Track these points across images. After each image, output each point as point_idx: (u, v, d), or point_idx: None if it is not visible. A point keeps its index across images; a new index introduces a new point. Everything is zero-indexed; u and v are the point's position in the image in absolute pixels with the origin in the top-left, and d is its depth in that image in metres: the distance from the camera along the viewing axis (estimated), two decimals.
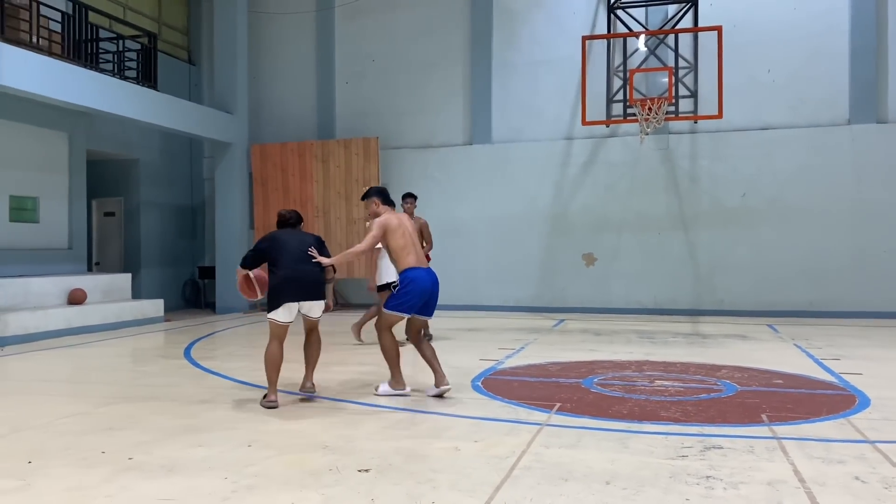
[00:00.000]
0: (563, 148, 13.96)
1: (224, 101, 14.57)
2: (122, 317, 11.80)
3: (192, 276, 16.17)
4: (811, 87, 12.85)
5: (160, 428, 5.13)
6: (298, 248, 6.02)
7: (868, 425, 5.06)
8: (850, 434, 4.87)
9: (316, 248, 6.12)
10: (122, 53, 12.47)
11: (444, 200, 14.59)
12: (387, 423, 5.26)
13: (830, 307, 12.51)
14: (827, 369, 7.38)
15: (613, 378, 6.94)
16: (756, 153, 12.97)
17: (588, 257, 13.84)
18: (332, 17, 15.40)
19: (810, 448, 4.51)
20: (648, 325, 11.69)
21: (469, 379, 6.88)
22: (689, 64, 12.82)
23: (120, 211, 14.98)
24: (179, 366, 8.05)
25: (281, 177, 14.70)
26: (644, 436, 4.82)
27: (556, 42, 13.94)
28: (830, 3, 12.77)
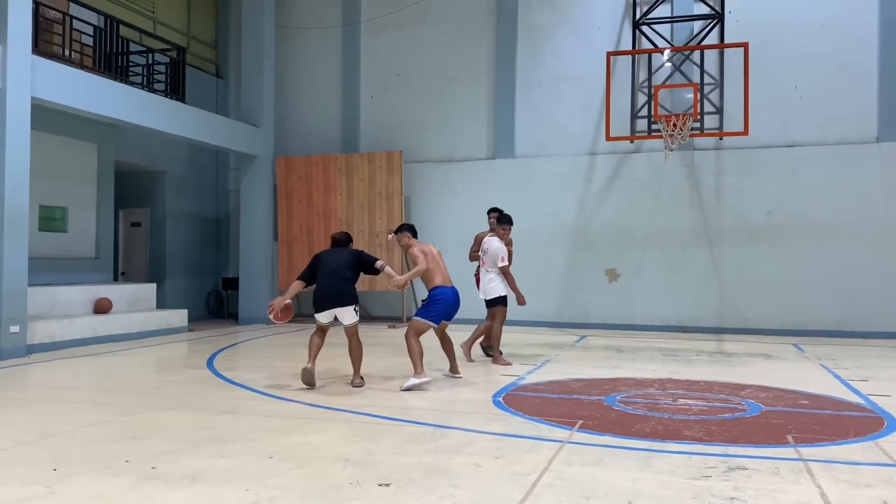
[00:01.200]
0: (586, 163, 13.93)
1: (250, 114, 14.74)
2: (147, 326, 11.92)
3: (215, 287, 16.31)
4: (839, 103, 12.72)
5: (183, 438, 5.16)
6: (334, 265, 7.31)
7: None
8: (878, 457, 4.78)
9: (352, 262, 7.38)
10: (152, 66, 12.68)
11: (466, 215, 14.58)
12: (408, 437, 5.26)
13: (858, 327, 12.31)
14: (854, 390, 7.26)
15: (636, 396, 6.88)
16: (782, 170, 12.85)
17: (611, 273, 13.76)
18: (357, 32, 15.55)
19: (837, 471, 4.43)
20: (672, 342, 11.58)
21: (490, 394, 6.86)
22: (714, 80, 12.77)
23: (146, 221, 15.18)
24: (202, 376, 8.11)
25: (305, 189, 14.82)
26: (667, 455, 4.77)
27: (580, 57, 13.94)
28: (859, 20, 12.66)
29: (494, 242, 9.02)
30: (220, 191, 16.54)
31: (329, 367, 8.87)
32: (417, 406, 6.54)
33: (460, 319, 8.79)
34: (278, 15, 15.47)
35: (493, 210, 9.83)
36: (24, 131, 9.43)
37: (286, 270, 14.83)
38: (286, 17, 15.87)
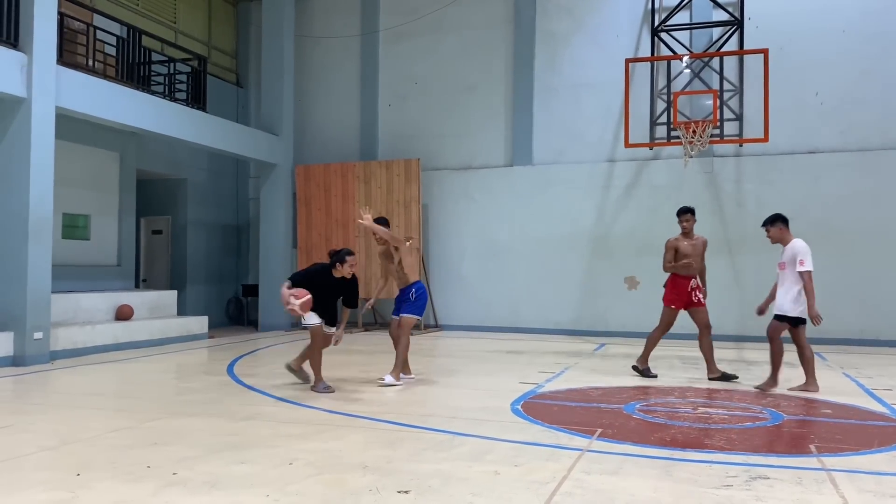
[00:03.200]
0: (605, 170, 13.89)
1: (270, 122, 14.86)
2: (168, 333, 12.02)
3: (235, 294, 16.43)
4: (861, 110, 12.59)
5: (203, 444, 5.20)
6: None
7: None
8: None
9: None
10: (173, 76, 12.83)
11: (484, 222, 14.63)
12: (426, 444, 5.26)
13: (882, 335, 12.15)
14: (878, 399, 7.17)
15: (656, 404, 6.83)
16: (803, 177, 12.74)
17: (630, 280, 13.69)
18: (376, 41, 15.65)
19: (861, 481, 4.38)
20: (692, 350, 11.45)
21: (509, 402, 6.84)
22: (734, 87, 12.70)
23: (167, 229, 15.33)
24: (222, 382, 8.17)
25: (324, 197, 14.91)
26: (688, 464, 4.73)
27: (598, 65, 13.93)
28: (880, 26, 12.54)
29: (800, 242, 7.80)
30: (241, 199, 16.67)
31: (346, 375, 8.90)
32: (436, 413, 6.54)
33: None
34: (298, 25, 15.61)
35: (686, 211, 8.77)
36: (49, 140, 9.57)
37: None
38: (305, 26, 16.00)
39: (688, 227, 8.64)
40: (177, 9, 15.08)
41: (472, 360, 10.22)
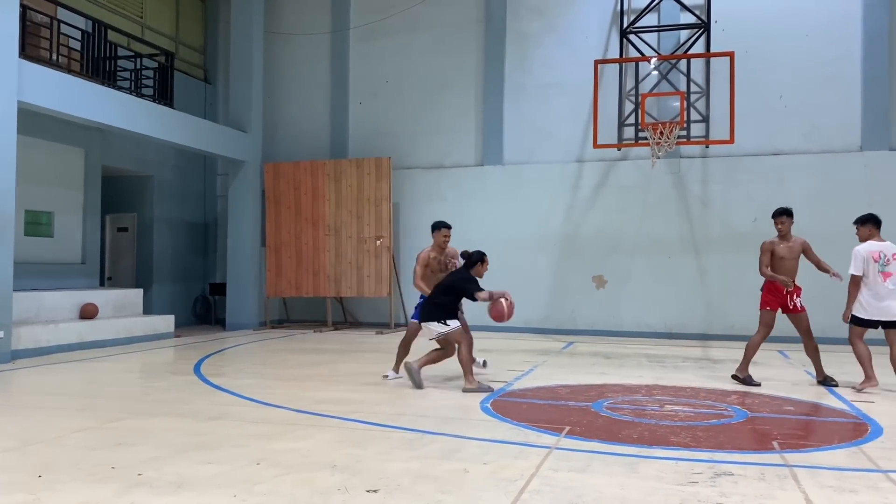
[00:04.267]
0: (574, 170, 14.00)
1: (239, 119, 14.72)
2: (133, 332, 11.86)
3: (203, 293, 16.25)
4: (824, 113, 12.86)
5: (169, 444, 5.14)
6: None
7: (881, 454, 5.01)
8: (862, 463, 4.82)
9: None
10: (140, 71, 12.65)
11: (455, 221, 14.47)
12: (395, 443, 5.26)
13: (843, 334, 12.31)
14: (839, 397, 7.32)
15: (623, 402, 6.91)
16: (768, 178, 12.96)
17: (598, 280, 13.81)
18: (346, 39, 15.58)
19: (822, 476, 4.47)
20: (658, 348, 11.63)
21: (478, 401, 6.87)
22: (700, 89, 12.87)
23: (133, 226, 15.11)
24: (189, 382, 8.08)
25: (293, 195, 14.80)
26: (654, 461, 4.79)
27: (568, 65, 14.03)
28: (843, 31, 12.81)
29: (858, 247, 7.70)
30: (208, 196, 16.49)
31: (316, 373, 8.87)
32: (405, 412, 6.54)
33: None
34: (267, 21, 15.48)
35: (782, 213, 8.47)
36: (10, 135, 9.38)
37: (274, 276, 14.79)
38: (275, 23, 15.87)
39: (784, 230, 8.32)
40: (144, 3, 14.86)
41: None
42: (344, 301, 15.21)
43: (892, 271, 7.45)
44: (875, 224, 7.78)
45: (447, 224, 8.72)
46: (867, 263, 7.53)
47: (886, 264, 7.49)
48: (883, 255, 7.51)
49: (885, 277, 7.47)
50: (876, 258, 7.52)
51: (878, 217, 7.87)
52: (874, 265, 7.52)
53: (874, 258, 7.53)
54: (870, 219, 7.82)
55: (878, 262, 7.51)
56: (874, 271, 7.52)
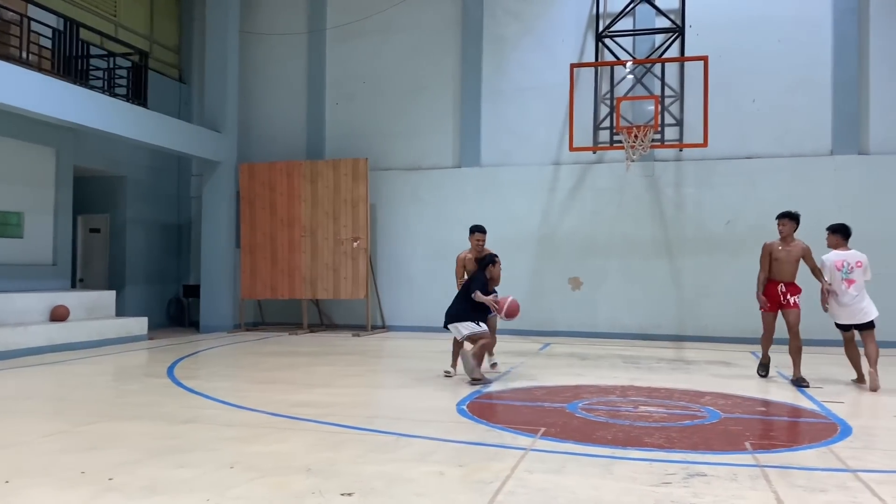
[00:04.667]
0: (551, 173, 14.07)
1: (213, 119, 14.60)
2: (106, 334, 11.70)
3: (176, 295, 16.08)
4: (795, 117, 13.05)
5: (142, 448, 5.08)
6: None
7: (850, 454, 5.10)
8: (831, 463, 4.90)
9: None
10: (113, 71, 12.49)
11: (433, 222, 14.65)
12: (370, 446, 5.24)
13: (813, 335, 12.53)
14: (809, 397, 7.43)
15: (598, 403, 6.95)
16: (741, 181, 13.12)
17: (574, 281, 13.89)
18: (323, 39, 15.52)
19: (793, 476, 4.53)
20: (633, 349, 11.72)
21: (455, 402, 6.87)
22: (675, 93, 13.00)
23: (106, 227, 14.91)
24: (162, 385, 7.99)
25: (269, 196, 14.70)
26: (628, 462, 4.83)
27: (544, 69, 14.10)
28: (814, 36, 13.02)
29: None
30: (182, 197, 16.33)
31: (288, 376, 8.82)
32: (381, 415, 6.53)
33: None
34: (243, 21, 15.37)
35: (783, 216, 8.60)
36: None
37: (248, 278, 14.68)
38: (251, 22, 15.77)
39: (784, 232, 8.47)
40: (117, 2, 14.67)
41: (419, 360, 10.23)
42: (320, 303, 15.14)
43: (855, 279, 7.88)
44: (844, 235, 8.16)
45: (481, 228, 9.11)
46: (832, 272, 7.97)
47: (850, 272, 7.90)
48: (846, 264, 7.94)
49: (848, 285, 7.90)
50: (839, 267, 7.95)
51: (849, 228, 8.22)
52: (838, 273, 7.95)
53: (837, 267, 7.96)
54: (840, 228, 8.19)
55: (842, 270, 7.94)
56: (838, 279, 7.95)
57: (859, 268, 7.92)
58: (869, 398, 7.53)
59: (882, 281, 12.49)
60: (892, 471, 4.70)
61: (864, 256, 8.01)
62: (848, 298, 7.91)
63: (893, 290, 12.40)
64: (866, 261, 7.98)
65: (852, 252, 8.04)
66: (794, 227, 8.50)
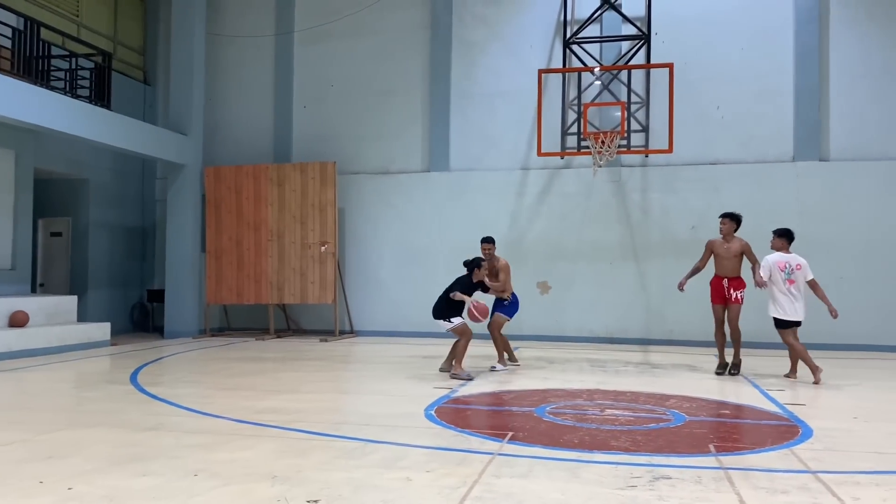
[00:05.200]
0: (519, 177, 14.13)
1: (179, 122, 14.41)
2: (67, 340, 11.47)
3: (140, 300, 15.83)
4: (758, 124, 13.28)
5: (103, 456, 4.98)
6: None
7: (811, 456, 5.19)
8: (793, 464, 4.98)
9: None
10: (75, 72, 12.26)
11: (401, 227, 14.63)
12: (338, 452, 5.20)
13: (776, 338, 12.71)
14: (772, 400, 7.55)
15: (565, 407, 6.99)
16: (705, 187, 13.31)
17: (543, 285, 13.95)
18: (291, 42, 15.42)
19: (755, 478, 4.60)
20: (600, 353, 11.82)
21: (423, 408, 6.85)
22: (641, 99, 13.15)
23: (67, 231, 14.63)
24: (125, 391, 7.85)
25: (235, 199, 14.54)
26: (595, 465, 4.86)
27: (513, 74, 14.17)
28: (776, 45, 13.27)
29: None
30: (146, 200, 16.09)
31: (254, 382, 8.73)
32: (348, 420, 6.49)
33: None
34: (209, 22, 15.22)
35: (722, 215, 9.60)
36: None
37: (214, 282, 14.50)
38: (217, 24, 15.61)
39: (723, 230, 9.41)
40: (80, 2, 14.42)
41: (387, 366, 10.19)
42: (287, 308, 15.01)
43: (795, 279, 8.71)
44: (788, 239, 8.99)
45: (487, 239, 10.05)
46: (774, 272, 8.74)
47: (791, 273, 8.72)
48: (788, 266, 8.75)
49: (790, 284, 8.73)
50: (782, 268, 8.75)
51: (793, 233, 9.08)
52: (780, 273, 8.74)
53: (780, 267, 8.76)
54: (785, 233, 9.02)
55: (784, 271, 8.74)
56: (781, 279, 8.73)
57: (799, 270, 8.73)
58: (829, 400, 7.68)
59: (842, 284, 12.82)
60: (852, 472, 4.80)
61: (805, 261, 8.81)
62: (790, 297, 8.71)
63: (852, 293, 12.70)
64: (806, 264, 8.80)
65: (794, 255, 8.84)
66: (735, 226, 9.40)
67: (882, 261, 12.63)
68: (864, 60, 12.99)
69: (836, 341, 12.59)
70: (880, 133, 12.87)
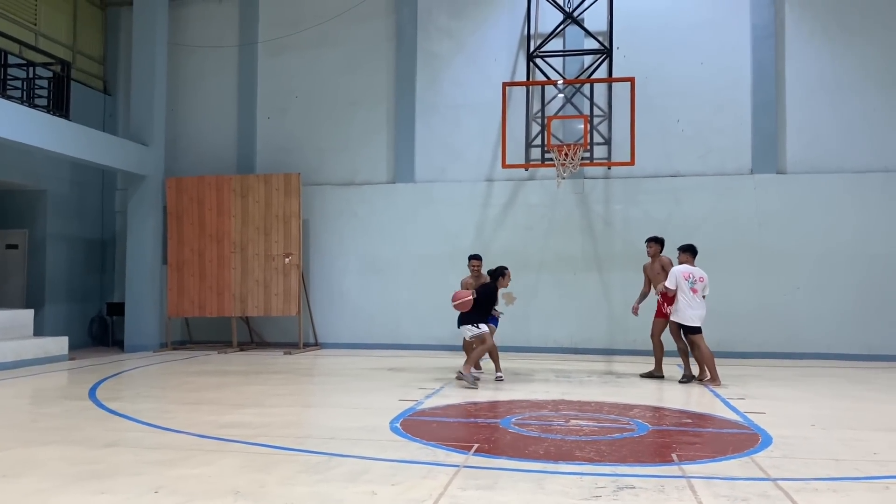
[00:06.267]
0: (484, 189, 14.21)
1: (140, 132, 14.20)
2: (22, 355, 11.19)
3: (99, 313, 15.51)
4: (717, 137, 13.55)
5: (60, 474, 4.86)
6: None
7: (770, 463, 5.28)
8: (753, 472, 5.06)
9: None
10: (33, 81, 12.03)
11: (366, 238, 14.59)
12: (302, 466, 5.15)
13: (736, 347, 13.03)
14: (733, 408, 7.67)
15: (531, 417, 7.01)
16: (666, 199, 13.52)
17: (507, 296, 14.00)
18: (255, 52, 15.32)
19: (717, 486, 4.66)
20: (565, 364, 11.89)
21: (388, 420, 6.82)
22: (603, 112, 13.34)
23: (24, 243, 14.29)
24: (83, 407, 7.67)
25: (197, 211, 14.36)
26: (559, 476, 4.88)
27: (477, 86, 14.26)
28: (734, 60, 13.57)
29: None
30: (106, 212, 15.80)
31: (216, 396, 8.61)
32: (312, 434, 6.44)
33: None
34: (171, 32, 15.05)
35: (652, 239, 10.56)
36: None
37: (175, 295, 14.27)
38: (180, 34, 15.45)
39: (650, 253, 10.35)
40: (38, 10, 14.16)
41: (352, 379, 10.13)
42: (250, 321, 14.84)
43: (698, 290, 9.49)
44: (692, 253, 9.84)
45: (475, 256, 10.79)
46: (681, 281, 9.48)
47: (695, 283, 9.48)
48: (692, 276, 9.52)
49: (693, 293, 9.48)
50: (686, 277, 9.51)
51: (696, 247, 9.92)
52: (685, 282, 9.48)
53: (685, 277, 9.52)
54: (689, 248, 9.87)
55: (689, 280, 9.50)
56: (686, 287, 9.48)
57: (702, 282, 9.51)
58: (788, 409, 7.83)
59: (799, 293, 13.11)
60: (810, 479, 4.89)
61: (706, 275, 9.62)
62: (696, 304, 9.45)
63: (808, 302, 13.00)
64: (707, 278, 9.59)
65: (698, 269, 9.64)
66: (659, 248, 10.32)
67: (838, 271, 12.94)
68: (819, 75, 13.35)
69: (793, 350, 12.88)
70: (836, 146, 13.22)
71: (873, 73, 13.18)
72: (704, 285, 9.53)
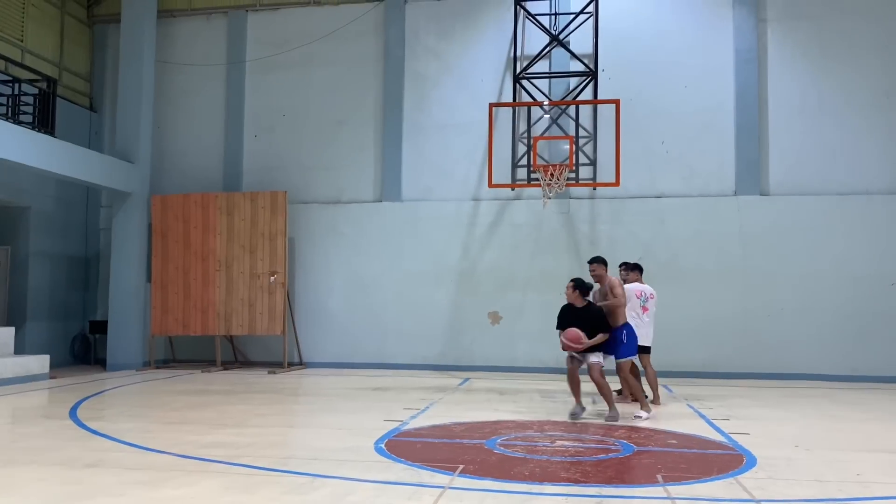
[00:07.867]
0: (470, 208, 14.25)
1: (125, 149, 14.16)
2: (2, 374, 11.04)
3: (82, 331, 15.35)
4: (701, 159, 13.69)
5: (38, 496, 4.79)
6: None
7: (755, 484, 5.29)
8: (738, 493, 5.06)
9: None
10: (18, 97, 11.99)
11: (352, 257, 14.57)
12: (285, 488, 5.11)
13: (721, 368, 13.08)
14: (717, 429, 7.69)
15: (516, 438, 6.99)
16: (651, 219, 13.62)
17: (493, 316, 14.02)
18: (242, 71, 15.35)
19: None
20: (550, 384, 11.87)
21: (373, 441, 6.78)
22: (588, 133, 13.46)
23: (6, 260, 14.16)
24: (63, 427, 7.58)
25: (182, 228, 14.30)
26: (545, 497, 4.87)
27: (464, 107, 14.35)
28: (717, 83, 13.75)
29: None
30: (90, 229, 15.70)
31: (199, 416, 8.53)
32: (296, 455, 6.38)
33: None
34: (159, 50, 15.06)
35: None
36: None
37: (159, 313, 14.17)
38: (167, 51, 15.46)
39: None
40: (24, 26, 14.14)
41: (337, 398, 10.07)
42: (234, 339, 14.74)
43: (649, 307, 9.51)
44: (640, 271, 9.88)
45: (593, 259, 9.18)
46: (632, 299, 9.30)
47: (646, 301, 9.49)
48: (643, 294, 9.52)
49: (644, 311, 9.47)
50: (638, 295, 9.45)
51: (642, 266, 10.03)
52: (637, 300, 9.39)
53: (637, 295, 9.44)
54: (636, 267, 9.91)
55: (640, 298, 9.45)
56: (637, 305, 9.38)
57: (652, 299, 9.54)
58: (772, 429, 7.85)
59: (783, 314, 13.19)
60: (794, 500, 4.91)
61: (655, 292, 9.65)
62: (644, 323, 9.34)
63: (792, 323, 13.09)
64: (656, 295, 9.63)
65: (647, 286, 9.65)
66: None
67: (821, 292, 13.05)
68: (800, 98, 13.55)
69: (777, 370, 12.94)
70: (817, 168, 13.38)
71: (854, 96, 13.40)
72: (654, 302, 9.58)
